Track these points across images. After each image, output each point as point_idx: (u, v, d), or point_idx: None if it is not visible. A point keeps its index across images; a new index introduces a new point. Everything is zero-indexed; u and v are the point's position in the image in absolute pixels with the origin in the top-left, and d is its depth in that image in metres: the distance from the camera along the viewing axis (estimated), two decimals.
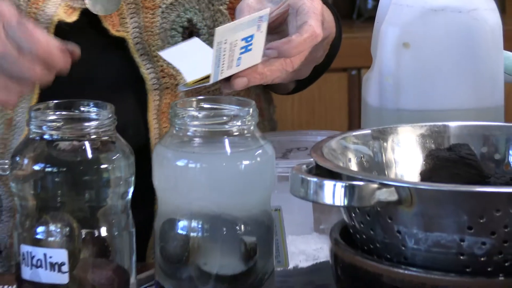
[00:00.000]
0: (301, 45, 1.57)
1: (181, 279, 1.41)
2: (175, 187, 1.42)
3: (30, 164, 1.40)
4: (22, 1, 1.69)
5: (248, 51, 1.56)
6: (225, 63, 1.55)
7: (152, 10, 1.72)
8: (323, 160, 1.39)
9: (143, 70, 1.73)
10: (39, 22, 1.69)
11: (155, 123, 1.74)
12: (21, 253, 1.41)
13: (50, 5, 1.69)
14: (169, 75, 1.73)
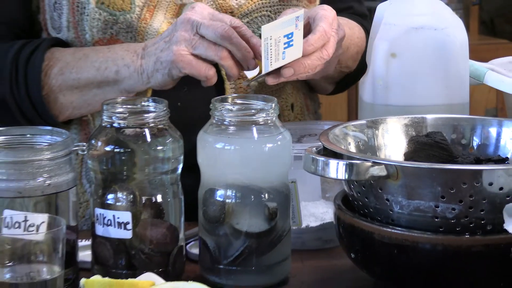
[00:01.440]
0: (316, 42, 1.56)
1: (218, 235, 1.42)
2: (214, 164, 1.42)
3: (102, 146, 1.41)
4: (134, 18, 1.68)
5: (290, 46, 1.55)
6: (273, 56, 1.54)
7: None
8: (329, 144, 1.40)
9: (222, 72, 1.70)
10: (148, 34, 1.69)
11: None
12: (95, 214, 1.42)
13: (156, 22, 1.69)
14: (242, 76, 1.71)
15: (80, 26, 1.70)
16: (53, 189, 1.39)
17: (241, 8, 1.71)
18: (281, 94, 1.78)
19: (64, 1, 1.70)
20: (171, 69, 1.58)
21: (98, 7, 1.67)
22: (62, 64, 1.68)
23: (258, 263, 1.41)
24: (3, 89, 1.70)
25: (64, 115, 1.72)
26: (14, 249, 1.31)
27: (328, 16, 1.59)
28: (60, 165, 1.40)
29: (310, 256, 1.54)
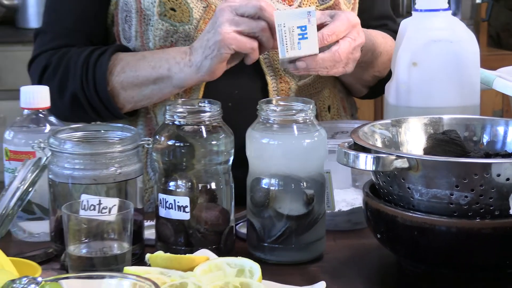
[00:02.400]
0: (324, 38, 1.55)
1: (263, 217, 1.41)
2: (260, 156, 1.42)
3: (165, 140, 1.41)
4: (191, 29, 1.68)
5: (305, 39, 1.53)
6: (288, 43, 1.52)
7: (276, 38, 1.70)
8: (359, 140, 1.39)
9: (267, 77, 1.71)
10: None
11: None
12: (159, 199, 1.42)
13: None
14: (285, 81, 1.72)
15: (145, 35, 1.71)
16: (123, 177, 1.39)
17: None
18: (319, 97, 1.78)
19: (133, 15, 1.71)
20: (220, 48, 1.56)
21: (161, 19, 1.68)
22: (124, 63, 1.69)
23: (297, 242, 1.41)
24: (75, 85, 1.71)
25: (127, 108, 1.72)
26: (90, 228, 1.31)
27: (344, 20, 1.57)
28: (129, 156, 1.40)
29: (341, 236, 1.53)
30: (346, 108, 1.86)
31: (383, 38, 1.77)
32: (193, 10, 1.67)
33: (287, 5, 1.68)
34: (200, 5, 1.67)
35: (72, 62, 1.71)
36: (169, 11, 1.68)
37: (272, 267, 1.38)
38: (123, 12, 1.73)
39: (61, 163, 1.39)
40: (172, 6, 1.67)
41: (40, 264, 1.32)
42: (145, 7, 1.69)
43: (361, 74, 1.77)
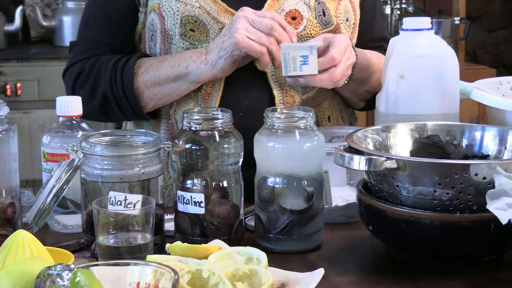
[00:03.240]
0: (324, 64, 1.58)
1: (269, 212, 1.40)
2: (266, 158, 1.41)
3: (183, 144, 1.40)
4: None
5: (306, 64, 1.56)
6: (291, 66, 1.56)
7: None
8: (353, 143, 1.38)
9: (274, 91, 1.71)
10: None
11: None
12: (177, 195, 1.41)
13: None
14: (290, 95, 1.71)
15: (169, 52, 1.71)
16: (146, 176, 1.38)
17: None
18: (319, 108, 1.77)
19: (158, 34, 1.71)
20: (233, 50, 1.59)
21: (182, 38, 1.68)
22: (147, 65, 1.70)
23: (299, 233, 1.40)
24: (105, 86, 1.71)
25: (149, 106, 1.72)
26: (117, 221, 1.30)
27: (340, 45, 1.59)
28: (151, 158, 1.40)
29: (338, 228, 1.52)
30: (345, 118, 1.85)
31: (378, 58, 1.77)
32: (209, 31, 1.68)
33: (293, 28, 1.68)
34: (216, 27, 1.68)
35: (103, 67, 1.72)
36: (189, 32, 1.68)
37: (277, 256, 1.37)
38: (150, 31, 1.73)
39: (92, 164, 1.38)
40: (191, 27, 1.68)
41: (73, 253, 1.31)
42: (168, 28, 1.69)
43: (356, 89, 1.77)
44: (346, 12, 1.76)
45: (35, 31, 4.30)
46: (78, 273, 1.03)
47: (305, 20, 1.70)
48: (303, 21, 1.70)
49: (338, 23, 1.73)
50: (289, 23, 1.69)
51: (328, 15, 1.72)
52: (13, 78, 3.72)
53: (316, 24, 1.71)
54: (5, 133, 1.38)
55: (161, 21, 1.70)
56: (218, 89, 1.70)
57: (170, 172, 1.74)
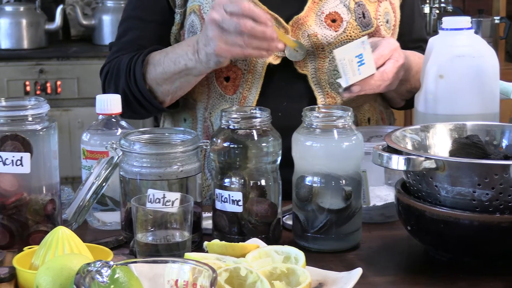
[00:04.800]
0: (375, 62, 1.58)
1: (307, 211, 1.40)
2: (304, 157, 1.40)
3: (221, 142, 1.40)
4: None
5: (363, 64, 1.55)
6: (349, 73, 1.55)
7: (323, 59, 1.69)
8: (392, 143, 1.37)
9: (316, 93, 1.70)
10: (257, 63, 1.69)
11: None
12: (215, 194, 1.41)
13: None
14: (331, 96, 1.71)
15: None
16: (184, 174, 1.39)
17: (330, 46, 1.69)
18: (360, 110, 1.77)
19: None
20: (216, 58, 1.58)
21: None
22: (155, 61, 1.71)
23: (336, 232, 1.39)
24: (123, 84, 1.73)
25: (167, 100, 1.74)
26: (155, 219, 1.31)
27: (385, 46, 1.60)
28: (190, 156, 1.40)
29: (376, 227, 1.52)
30: (385, 119, 1.85)
31: (419, 58, 1.77)
32: None
33: (333, 31, 1.68)
34: None
35: (122, 66, 1.74)
36: None
37: (315, 255, 1.36)
38: (190, 33, 1.73)
39: (131, 162, 1.39)
40: None
41: (112, 250, 1.32)
42: None
43: (399, 89, 1.77)
44: (386, 14, 1.75)
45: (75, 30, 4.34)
46: (117, 270, 1.03)
47: (344, 22, 1.69)
48: (342, 24, 1.69)
49: (378, 25, 1.73)
50: (329, 25, 1.68)
51: (368, 17, 1.72)
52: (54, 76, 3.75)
53: (356, 26, 1.70)
54: (46, 131, 1.40)
55: (202, 23, 1.70)
56: (255, 93, 1.70)
57: (207, 173, 1.74)
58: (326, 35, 1.68)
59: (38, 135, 1.39)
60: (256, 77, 1.69)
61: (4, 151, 1.36)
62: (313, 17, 1.69)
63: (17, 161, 1.36)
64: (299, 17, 1.69)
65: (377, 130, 1.69)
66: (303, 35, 1.68)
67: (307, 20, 1.68)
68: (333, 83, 1.71)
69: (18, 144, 1.37)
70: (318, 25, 1.68)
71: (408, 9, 1.84)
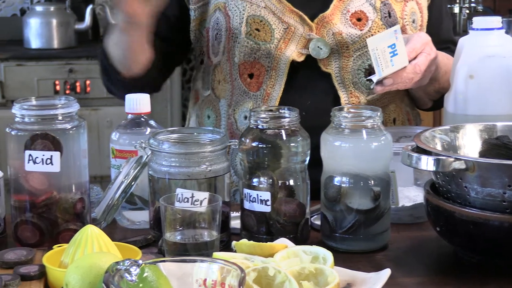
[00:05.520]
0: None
1: (335, 211, 1.40)
2: (333, 157, 1.40)
3: (250, 142, 1.40)
4: (272, 48, 1.68)
5: (396, 55, 1.54)
6: (382, 64, 1.53)
7: (347, 58, 1.69)
8: (421, 143, 1.37)
9: (339, 92, 1.70)
10: (281, 60, 1.69)
11: None
12: (244, 193, 1.41)
13: (288, 52, 1.68)
14: (355, 96, 1.70)
15: (232, 51, 1.71)
16: (212, 174, 1.39)
17: (355, 45, 1.69)
18: (385, 110, 1.76)
19: (223, 33, 1.72)
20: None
21: (247, 38, 1.68)
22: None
23: (365, 233, 1.39)
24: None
25: (123, 71, 1.73)
26: (184, 218, 1.31)
27: (416, 40, 1.58)
28: (218, 156, 1.40)
29: (404, 228, 1.51)
30: (411, 120, 1.84)
31: (448, 59, 1.76)
32: (274, 31, 1.68)
33: (359, 30, 1.67)
34: (281, 27, 1.68)
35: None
36: (254, 31, 1.68)
37: (343, 255, 1.36)
38: (214, 30, 1.74)
39: (160, 161, 1.39)
40: (256, 26, 1.68)
41: (140, 249, 1.33)
42: (233, 27, 1.70)
43: (428, 88, 1.76)
44: (413, 14, 1.75)
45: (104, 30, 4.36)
46: (145, 269, 1.04)
47: (370, 21, 1.69)
48: (368, 23, 1.69)
49: (404, 24, 1.72)
50: (354, 24, 1.68)
51: (393, 17, 1.71)
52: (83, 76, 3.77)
53: (381, 25, 1.70)
54: (76, 130, 1.40)
55: (227, 20, 1.71)
56: (278, 90, 1.70)
57: (233, 175, 1.74)
58: (351, 34, 1.68)
59: (68, 134, 1.40)
60: (279, 74, 1.70)
61: (34, 149, 1.37)
62: (338, 15, 1.68)
63: (47, 160, 1.37)
64: (325, 15, 1.68)
65: (406, 130, 1.68)
66: (327, 33, 1.68)
67: (332, 18, 1.68)
68: (357, 82, 1.70)
69: (48, 143, 1.38)
70: (343, 24, 1.68)
71: (436, 10, 1.83)
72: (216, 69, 1.77)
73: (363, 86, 1.70)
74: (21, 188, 1.40)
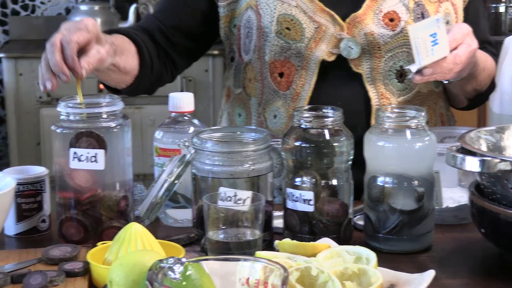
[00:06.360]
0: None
1: (378, 211, 1.39)
2: (376, 157, 1.40)
3: (292, 141, 1.40)
4: (302, 47, 1.67)
5: (437, 44, 1.51)
6: (423, 53, 1.51)
7: (379, 59, 1.68)
8: (466, 144, 1.35)
9: (370, 94, 1.68)
10: (311, 59, 1.68)
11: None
12: (286, 193, 1.41)
13: (318, 51, 1.67)
14: (385, 97, 1.69)
15: (262, 49, 1.71)
16: (256, 173, 1.39)
17: (387, 45, 1.67)
18: None
19: (254, 31, 1.72)
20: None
21: (277, 36, 1.68)
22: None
23: (409, 233, 1.38)
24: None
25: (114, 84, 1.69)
26: (226, 217, 1.31)
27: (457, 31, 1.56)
28: (261, 155, 1.40)
29: (448, 229, 1.50)
30: (445, 122, 1.82)
31: (485, 57, 1.74)
32: (305, 30, 1.67)
33: (391, 30, 1.66)
34: (312, 26, 1.67)
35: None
36: (284, 30, 1.68)
37: (386, 256, 1.35)
38: (246, 28, 1.74)
39: (203, 160, 1.40)
40: (287, 25, 1.68)
41: (183, 247, 1.33)
42: (264, 25, 1.69)
43: (465, 86, 1.74)
44: (447, 15, 1.73)
45: None
46: (189, 267, 1.04)
47: (402, 22, 1.67)
48: (400, 23, 1.67)
49: None
50: (387, 24, 1.67)
51: (427, 18, 1.69)
52: None
53: None
54: (120, 128, 1.42)
55: (258, 18, 1.71)
56: (308, 89, 1.69)
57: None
58: (382, 34, 1.66)
59: (112, 132, 1.41)
60: (309, 73, 1.69)
61: (79, 147, 1.38)
62: (370, 15, 1.67)
63: (91, 158, 1.38)
64: (356, 15, 1.67)
65: (450, 131, 1.66)
66: (359, 34, 1.67)
67: (364, 18, 1.67)
68: (388, 83, 1.68)
69: (93, 141, 1.39)
70: (375, 24, 1.67)
71: (473, 11, 1.81)
72: (247, 67, 1.77)
73: (394, 87, 1.69)
74: (66, 185, 1.41)
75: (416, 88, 1.71)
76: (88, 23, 1.42)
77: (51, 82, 1.38)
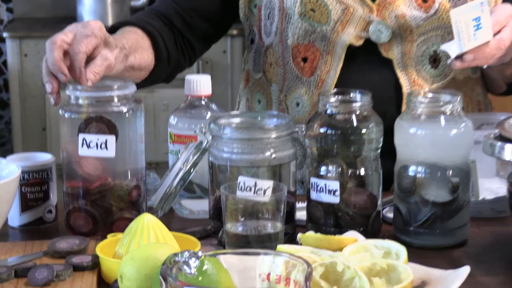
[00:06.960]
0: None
1: (409, 203, 1.40)
2: (407, 145, 1.40)
3: (317, 128, 1.40)
4: (328, 30, 1.67)
5: (480, 29, 1.50)
6: (465, 38, 1.49)
7: (411, 43, 1.66)
8: (505, 132, 1.35)
9: (401, 80, 1.68)
10: (337, 44, 1.67)
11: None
12: (310, 183, 1.41)
13: (345, 35, 1.67)
14: (418, 84, 1.69)
15: (285, 32, 1.70)
16: (277, 161, 1.39)
17: (419, 29, 1.66)
18: None
19: (276, 12, 1.71)
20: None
21: (301, 18, 1.67)
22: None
23: (441, 227, 1.38)
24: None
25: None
26: (246, 208, 1.32)
27: (501, 12, 1.54)
28: (284, 142, 1.40)
29: (485, 223, 1.50)
30: (482, 110, 1.81)
31: None
32: (331, 12, 1.66)
33: (424, 12, 1.65)
34: (338, 7, 1.66)
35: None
36: (309, 12, 1.67)
37: (417, 251, 1.35)
38: (267, 9, 1.73)
39: (221, 147, 1.40)
40: (312, 7, 1.67)
41: (199, 240, 1.34)
42: (287, 6, 1.69)
43: (505, 70, 1.73)
44: None
45: None
46: (205, 261, 1.04)
47: (437, 3, 1.66)
48: (434, 5, 1.65)
49: None
50: (420, 6, 1.65)
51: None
52: None
53: (449, 8, 1.66)
54: (132, 113, 1.42)
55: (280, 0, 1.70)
56: (333, 76, 1.68)
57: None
58: (415, 17, 1.65)
59: (124, 117, 1.41)
60: (335, 59, 1.68)
61: (88, 133, 1.39)
62: None
63: (101, 144, 1.39)
64: None
65: (488, 117, 1.66)
66: (389, 16, 1.65)
67: None
68: (420, 70, 1.68)
69: (103, 126, 1.39)
70: (407, 5, 1.65)
71: None
72: (268, 50, 1.77)
73: (427, 74, 1.68)
74: (74, 173, 1.42)
75: (451, 74, 1.70)
76: (94, 27, 1.43)
77: (50, 84, 1.40)
